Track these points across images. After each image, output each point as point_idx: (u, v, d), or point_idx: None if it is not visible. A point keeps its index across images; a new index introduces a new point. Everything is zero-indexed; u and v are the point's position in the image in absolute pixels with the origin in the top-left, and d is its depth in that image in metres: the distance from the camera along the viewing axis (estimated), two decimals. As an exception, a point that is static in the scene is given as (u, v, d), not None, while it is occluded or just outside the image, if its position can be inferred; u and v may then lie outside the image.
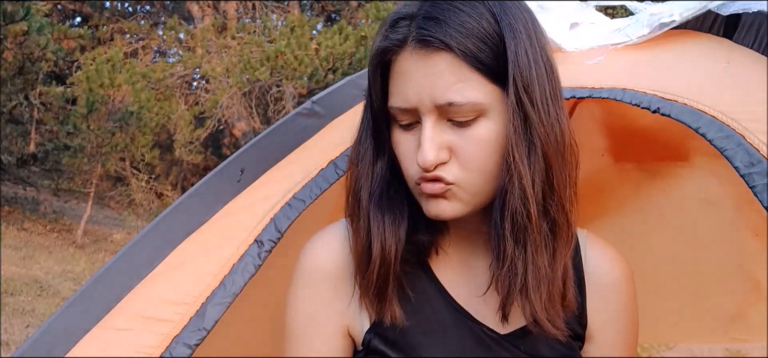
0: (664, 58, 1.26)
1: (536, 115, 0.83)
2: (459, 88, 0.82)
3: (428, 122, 0.83)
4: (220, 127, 11.72)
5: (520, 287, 0.85)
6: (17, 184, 10.36)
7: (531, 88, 0.83)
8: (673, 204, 1.73)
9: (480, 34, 0.83)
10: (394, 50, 0.85)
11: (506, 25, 0.83)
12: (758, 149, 0.89)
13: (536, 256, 0.85)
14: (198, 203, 1.15)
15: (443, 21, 0.82)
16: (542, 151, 0.84)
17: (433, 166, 0.83)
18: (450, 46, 0.81)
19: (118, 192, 11.32)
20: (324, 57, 9.65)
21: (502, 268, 0.85)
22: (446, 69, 0.82)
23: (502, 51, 0.83)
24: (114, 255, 1.09)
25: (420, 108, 0.84)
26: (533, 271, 0.85)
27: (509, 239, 0.84)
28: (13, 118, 9.85)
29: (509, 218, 0.84)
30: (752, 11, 1.17)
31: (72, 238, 9.19)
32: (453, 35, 0.82)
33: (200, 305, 1.03)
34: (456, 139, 0.84)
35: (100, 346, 1.00)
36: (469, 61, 0.82)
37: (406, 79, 0.84)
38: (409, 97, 0.84)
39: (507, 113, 0.83)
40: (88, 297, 1.03)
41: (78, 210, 10.67)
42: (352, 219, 0.92)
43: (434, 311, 0.92)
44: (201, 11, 12.42)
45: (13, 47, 8.42)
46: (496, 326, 0.91)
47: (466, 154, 0.84)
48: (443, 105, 0.82)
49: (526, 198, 0.83)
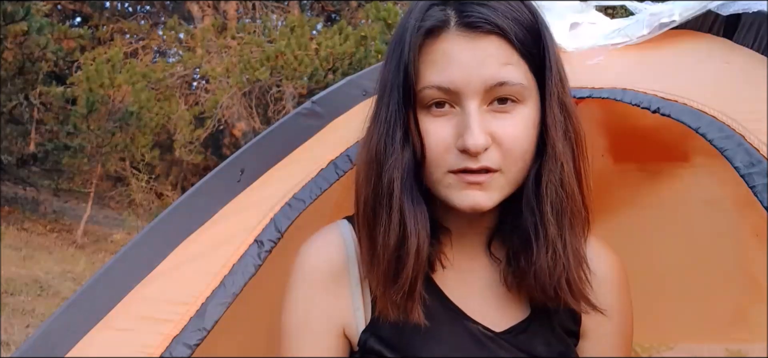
0: (664, 58, 1.26)
1: (570, 103, 0.88)
2: (510, 70, 0.84)
3: (474, 106, 0.84)
4: (220, 127, 11.72)
5: (562, 269, 0.87)
6: (17, 184, 10.35)
7: (564, 80, 0.89)
8: (673, 204, 1.73)
9: (524, 22, 0.85)
10: (435, 32, 0.85)
11: (541, 20, 0.87)
12: (758, 149, 0.89)
13: (574, 239, 0.89)
14: (198, 203, 1.15)
15: (489, 5, 0.84)
16: (574, 137, 0.88)
17: (483, 149, 0.83)
18: (503, 29, 0.83)
19: (118, 192, 11.32)
20: (324, 57, 9.65)
21: (544, 250, 0.86)
22: (495, 52, 0.83)
23: (540, 42, 0.86)
24: (114, 255, 1.09)
25: (464, 90, 0.84)
26: (573, 253, 0.88)
27: (552, 221, 0.86)
28: (13, 118, 9.84)
29: (549, 202, 0.86)
30: (752, 11, 1.17)
31: (72, 238, 9.19)
32: (503, 20, 0.83)
33: (200, 305, 1.03)
34: (497, 125, 0.85)
35: (100, 346, 1.00)
36: (517, 46, 0.84)
37: (450, 61, 0.84)
38: (455, 79, 0.84)
39: (545, 100, 0.87)
40: (88, 297, 1.03)
41: (78, 210, 10.67)
42: (377, 212, 0.87)
43: (429, 309, 0.91)
44: (201, 11, 12.42)
45: (13, 47, 8.42)
46: (491, 324, 0.92)
47: (509, 140, 0.85)
48: (494, 85, 0.83)
49: (567, 181, 0.87)
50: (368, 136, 0.91)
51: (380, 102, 0.90)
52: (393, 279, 0.87)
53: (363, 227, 0.90)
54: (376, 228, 0.88)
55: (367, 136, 0.92)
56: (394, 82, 0.88)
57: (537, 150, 0.88)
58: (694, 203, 1.70)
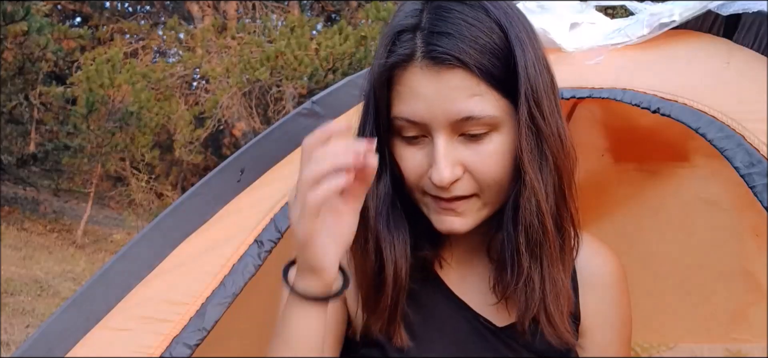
0: (664, 58, 1.26)
1: (547, 127, 0.83)
2: (476, 102, 0.81)
3: (441, 139, 0.82)
4: (220, 127, 11.71)
5: (538, 300, 0.85)
6: (17, 184, 10.35)
7: (540, 102, 0.83)
8: (673, 204, 1.73)
9: (492, 48, 0.81)
10: (401, 65, 0.83)
11: (514, 37, 0.82)
12: (758, 149, 0.89)
13: (552, 268, 0.86)
14: (198, 203, 1.15)
15: (454, 35, 0.80)
16: (554, 163, 0.84)
17: (449, 183, 0.82)
18: (466, 63, 0.80)
19: (118, 192, 11.31)
20: (324, 57, 9.65)
21: (518, 281, 0.85)
22: (460, 84, 0.81)
23: (512, 65, 0.82)
24: (114, 255, 1.09)
25: (431, 124, 0.82)
26: (550, 284, 0.86)
27: (525, 254, 0.85)
28: (13, 118, 9.85)
29: (523, 232, 0.84)
30: (752, 11, 1.17)
31: (72, 238, 9.18)
32: (467, 51, 0.80)
33: (200, 305, 1.03)
34: (469, 154, 0.83)
35: (100, 346, 1.00)
36: (483, 76, 0.81)
37: (415, 95, 0.82)
38: (421, 113, 0.82)
39: (518, 127, 0.83)
40: (88, 297, 1.03)
41: (78, 210, 10.67)
42: (357, 239, 0.83)
43: (433, 302, 0.92)
44: (201, 11, 12.42)
45: (13, 47, 8.42)
46: (493, 318, 0.92)
47: (480, 169, 0.83)
48: (459, 120, 0.81)
49: (542, 213, 0.83)
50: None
51: (360, 127, 0.91)
52: (374, 304, 0.88)
53: (350, 250, 0.88)
54: (357, 254, 0.89)
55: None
56: (369, 108, 0.89)
57: (516, 174, 0.85)
58: (694, 203, 1.70)
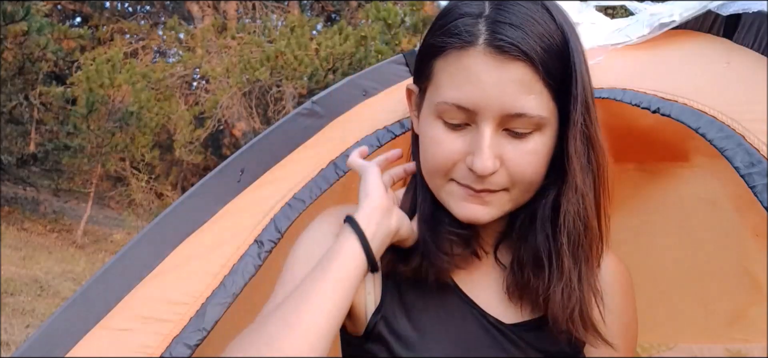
0: (664, 58, 1.26)
1: (595, 134, 0.84)
2: (531, 100, 0.80)
3: (488, 129, 0.81)
4: (220, 127, 11.72)
5: (576, 302, 0.86)
6: (17, 184, 10.35)
7: (590, 108, 0.84)
8: (673, 204, 1.73)
9: (555, 48, 0.81)
10: (460, 48, 0.81)
11: (573, 41, 0.82)
12: (758, 149, 0.89)
13: (589, 272, 0.87)
14: (198, 203, 1.15)
15: (521, 28, 0.79)
16: (596, 168, 0.85)
17: (490, 173, 0.82)
18: (531, 57, 0.79)
19: (118, 192, 11.32)
20: (324, 57, 9.65)
21: (558, 282, 0.85)
22: (521, 78, 0.79)
23: (568, 68, 0.82)
24: (114, 255, 1.09)
25: (482, 113, 0.81)
26: (587, 286, 0.87)
27: (567, 254, 0.85)
28: (13, 118, 9.84)
29: (566, 234, 0.84)
30: (752, 11, 1.17)
31: (72, 238, 9.19)
32: (533, 46, 0.79)
33: (200, 305, 1.03)
34: (509, 149, 0.83)
35: (100, 346, 1.00)
36: (543, 74, 0.80)
37: (472, 81, 0.81)
38: (474, 99, 0.81)
39: (568, 131, 0.83)
40: (88, 297, 1.03)
41: (78, 210, 10.67)
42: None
43: (441, 298, 0.92)
44: (201, 11, 12.42)
45: (13, 47, 8.42)
46: (500, 316, 0.92)
47: (517, 166, 0.83)
48: (510, 115, 0.80)
49: (588, 216, 0.84)
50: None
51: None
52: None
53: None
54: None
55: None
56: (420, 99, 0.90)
57: (555, 175, 0.85)
58: (694, 203, 1.69)
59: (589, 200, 0.85)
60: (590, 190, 0.85)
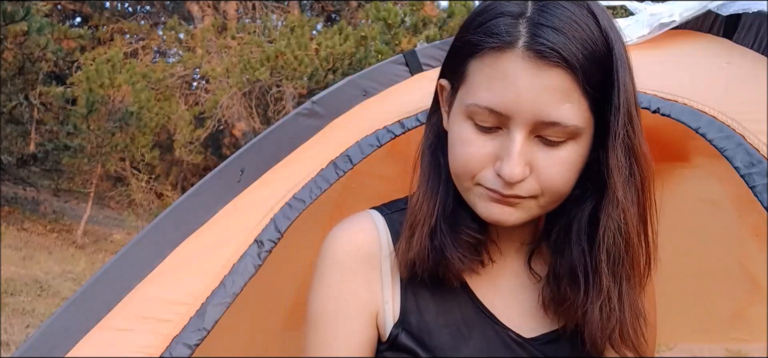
0: (664, 58, 1.26)
1: (639, 145, 0.80)
2: (567, 109, 0.76)
3: (520, 135, 0.78)
4: (220, 127, 11.72)
5: (616, 321, 0.82)
6: (17, 184, 10.35)
7: (634, 118, 0.80)
8: (673, 204, 1.73)
9: (597, 55, 0.77)
10: (498, 49, 0.77)
11: (616, 48, 0.78)
12: (758, 149, 0.89)
13: (631, 291, 0.83)
14: (198, 203, 1.15)
15: (563, 32, 0.75)
16: (640, 182, 0.81)
17: (519, 180, 0.79)
18: (571, 64, 0.75)
19: (118, 192, 11.31)
20: (324, 57, 9.65)
21: (597, 300, 0.82)
22: (558, 86, 0.76)
23: (610, 77, 0.78)
24: (114, 255, 1.09)
25: (515, 118, 0.77)
26: (629, 307, 0.83)
27: (606, 272, 0.81)
28: (13, 118, 9.84)
29: (605, 250, 0.81)
30: (752, 11, 1.17)
31: (72, 238, 9.18)
32: (574, 52, 0.75)
33: (200, 305, 1.03)
34: (540, 156, 0.79)
35: (100, 346, 1.00)
36: (582, 82, 0.76)
37: (507, 84, 0.77)
38: (508, 104, 0.77)
39: (608, 140, 0.79)
40: (88, 297, 1.03)
41: (78, 210, 10.67)
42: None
43: (461, 311, 0.90)
44: (201, 11, 12.42)
45: (13, 47, 8.42)
46: (520, 329, 0.90)
47: (548, 174, 0.80)
48: (544, 123, 0.77)
49: (628, 231, 0.81)
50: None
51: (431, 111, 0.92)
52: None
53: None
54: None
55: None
56: (446, 90, 0.88)
57: (593, 186, 0.82)
58: (694, 203, 1.69)
59: (631, 215, 0.80)
60: (633, 204, 0.81)
